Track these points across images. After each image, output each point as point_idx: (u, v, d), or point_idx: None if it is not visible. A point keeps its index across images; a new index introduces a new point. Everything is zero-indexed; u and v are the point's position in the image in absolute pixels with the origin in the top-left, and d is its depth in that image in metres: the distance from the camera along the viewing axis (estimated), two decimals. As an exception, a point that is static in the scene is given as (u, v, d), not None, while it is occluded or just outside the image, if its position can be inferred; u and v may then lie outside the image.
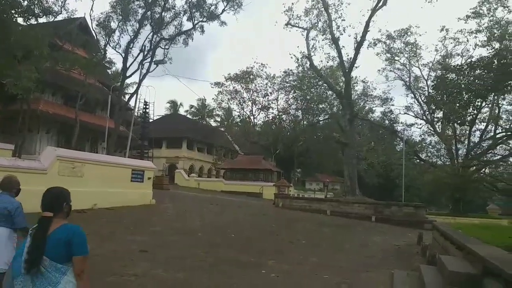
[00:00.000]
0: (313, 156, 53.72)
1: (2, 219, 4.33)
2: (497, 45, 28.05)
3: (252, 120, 57.16)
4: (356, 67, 38.44)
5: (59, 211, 2.48)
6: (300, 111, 51.34)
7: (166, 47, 30.58)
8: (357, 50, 29.12)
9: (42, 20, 21.70)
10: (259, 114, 56.98)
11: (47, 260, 2.30)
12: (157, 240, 10.14)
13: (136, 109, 32.42)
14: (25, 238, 2.58)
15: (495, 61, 15.73)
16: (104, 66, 29.45)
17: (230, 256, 9.04)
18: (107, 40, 28.61)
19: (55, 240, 2.34)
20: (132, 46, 29.23)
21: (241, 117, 57.65)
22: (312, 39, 31.68)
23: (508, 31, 28.57)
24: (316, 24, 30.65)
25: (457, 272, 5.74)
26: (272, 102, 53.73)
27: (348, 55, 31.21)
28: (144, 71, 28.94)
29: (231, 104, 56.41)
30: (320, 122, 52.38)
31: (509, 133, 36.57)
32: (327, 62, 38.01)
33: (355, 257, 10.33)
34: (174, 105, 61.71)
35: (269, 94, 52.78)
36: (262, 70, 51.57)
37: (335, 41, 29.49)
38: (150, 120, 40.50)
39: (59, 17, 23.37)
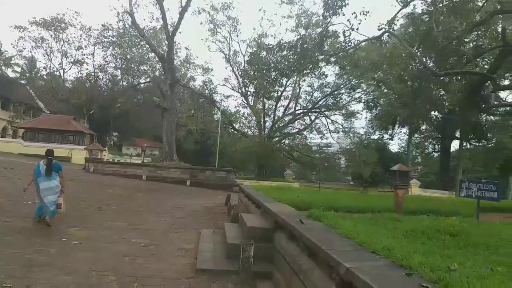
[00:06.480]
0: (132, 120, 51.26)
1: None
2: (303, 32, 32.17)
3: (62, 75, 50.26)
4: (180, 33, 38.23)
5: (53, 156, 8.49)
6: (119, 70, 47.96)
7: None
8: (181, 15, 28.65)
9: None
10: (70, 68, 50.66)
11: (53, 172, 8.32)
12: None
13: None
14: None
15: (299, 45, 18.02)
16: None
17: (23, 225, 7.93)
18: None
19: (55, 166, 8.45)
20: None
21: (48, 70, 49.88)
22: (136, -5, 29.60)
23: (312, 21, 33.05)
24: (141, -22, 28.64)
25: (254, 227, 6.48)
26: (87, 57, 48.21)
27: (172, 19, 30.61)
28: None
29: (35, 53, 47.99)
30: (141, 85, 50.30)
31: (305, 110, 43.24)
32: (151, 22, 36.72)
33: (167, 219, 10.53)
34: (-45, 46, 49.02)
35: (84, 48, 47.03)
36: (76, 19, 45.53)
37: (159, 1, 28.31)
38: None
39: None
